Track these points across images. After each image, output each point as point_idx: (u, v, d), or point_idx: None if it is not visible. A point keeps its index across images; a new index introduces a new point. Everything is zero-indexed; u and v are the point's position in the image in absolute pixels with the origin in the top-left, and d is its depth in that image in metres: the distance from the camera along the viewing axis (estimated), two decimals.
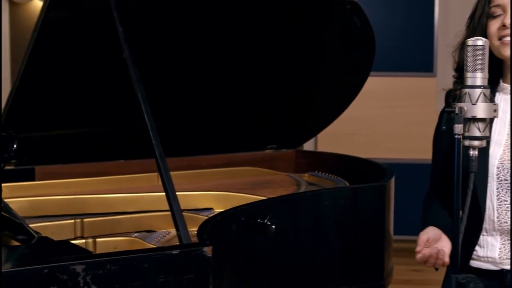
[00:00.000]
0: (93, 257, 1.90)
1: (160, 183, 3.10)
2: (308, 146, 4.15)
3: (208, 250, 1.97)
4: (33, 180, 3.03)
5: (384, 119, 6.33)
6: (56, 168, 3.10)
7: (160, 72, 2.89)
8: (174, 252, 1.92)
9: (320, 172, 3.36)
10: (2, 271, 1.73)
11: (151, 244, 2.36)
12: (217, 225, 2.21)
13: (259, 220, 2.33)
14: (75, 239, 2.43)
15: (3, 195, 2.08)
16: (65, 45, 2.62)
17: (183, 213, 2.11)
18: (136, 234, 2.49)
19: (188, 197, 2.75)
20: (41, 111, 2.89)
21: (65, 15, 2.57)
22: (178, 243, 2.12)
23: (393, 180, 2.89)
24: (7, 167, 2.76)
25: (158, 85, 2.81)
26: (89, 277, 1.80)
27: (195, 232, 2.15)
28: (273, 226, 2.33)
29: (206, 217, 2.48)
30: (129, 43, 2.26)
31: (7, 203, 2.08)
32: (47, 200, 2.73)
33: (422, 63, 6.25)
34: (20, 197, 2.69)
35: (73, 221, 2.51)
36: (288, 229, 2.47)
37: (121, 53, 2.24)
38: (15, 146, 2.05)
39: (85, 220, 2.52)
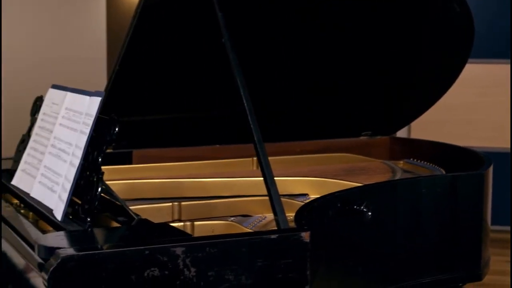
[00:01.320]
0: (193, 239, 1.92)
1: (255, 168, 3.15)
2: (401, 133, 4.11)
3: (305, 236, 1.96)
4: (131, 163, 3.09)
5: (478, 107, 6.21)
6: (153, 152, 3.15)
7: (257, 57, 2.89)
8: (272, 236, 1.93)
9: (415, 160, 3.32)
10: (104, 251, 1.77)
11: (248, 228, 2.38)
12: (314, 211, 2.20)
13: (355, 207, 2.32)
14: (172, 222, 2.46)
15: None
16: (164, 30, 2.65)
17: None
18: (232, 218, 2.51)
19: (283, 183, 2.74)
20: (139, 96, 2.94)
21: (164, 0, 2.60)
22: (274, 228, 2.13)
23: (491, 169, 2.83)
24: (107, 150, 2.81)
25: (255, 70, 2.81)
26: (188, 259, 1.82)
27: (291, 217, 2.15)
28: (369, 213, 2.31)
29: (302, 203, 2.48)
30: (228, 28, 2.27)
31: (108, 185, 2.11)
32: (145, 183, 2.77)
33: None
34: (118, 180, 2.74)
35: (170, 204, 2.54)
36: (384, 216, 2.44)
37: (220, 38, 2.25)
38: (116, 129, 2.08)
39: (182, 203, 2.55)
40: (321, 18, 2.97)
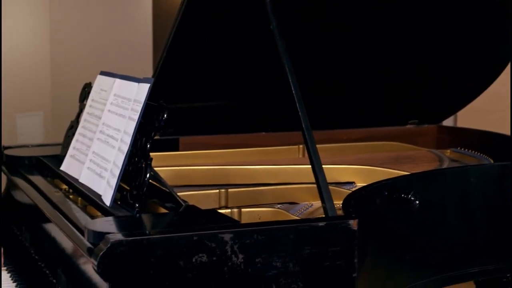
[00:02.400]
0: (241, 226, 1.92)
1: (301, 155, 3.14)
2: (447, 122, 4.07)
3: (353, 223, 1.96)
4: (177, 150, 3.10)
5: None
6: (199, 139, 3.16)
7: (305, 45, 2.88)
8: (320, 224, 1.93)
9: (462, 149, 3.28)
10: (153, 236, 1.78)
11: (294, 215, 2.37)
12: (361, 199, 2.19)
13: (402, 195, 2.31)
14: (220, 208, 2.47)
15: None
16: (212, 17, 2.65)
17: None
18: (279, 205, 2.51)
19: (329, 170, 2.72)
20: (186, 82, 2.95)
21: None
22: (321, 216, 2.12)
23: None
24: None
25: (303, 57, 2.80)
26: (236, 246, 1.83)
27: (338, 205, 2.14)
28: (417, 202, 2.29)
29: (348, 191, 2.47)
30: (276, 15, 2.26)
31: (156, 171, 2.12)
32: (191, 170, 2.78)
33: None
34: (165, 166, 2.75)
35: (217, 191, 2.55)
36: (432, 205, 2.42)
37: (268, 24, 2.25)
38: (165, 116, 2.09)
39: (229, 190, 2.55)
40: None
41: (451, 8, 3.06)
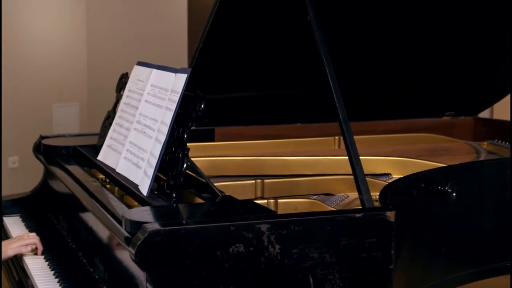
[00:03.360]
0: (278, 217, 1.92)
1: (337, 147, 3.13)
2: (483, 114, 4.03)
3: (391, 215, 1.95)
4: (213, 141, 3.11)
5: None
6: (235, 129, 3.16)
7: (342, 35, 2.86)
8: (357, 215, 1.92)
9: (500, 141, 3.25)
10: (190, 226, 1.79)
11: (330, 207, 2.37)
12: (398, 191, 2.18)
13: (439, 187, 2.29)
14: (256, 199, 2.47)
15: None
16: (249, 7, 2.65)
17: None
18: (315, 196, 2.51)
19: (365, 162, 2.71)
20: (222, 73, 2.95)
21: None
22: (358, 207, 2.11)
23: None
24: None
25: (340, 49, 2.79)
26: (273, 237, 1.83)
27: (374, 197, 2.13)
28: (454, 194, 2.28)
29: (385, 182, 2.46)
30: (314, 6, 2.25)
31: (193, 161, 2.13)
32: (227, 161, 2.79)
33: None
34: (201, 156, 2.76)
35: (253, 181, 2.55)
36: (469, 198, 2.41)
37: (305, 15, 2.24)
38: (202, 106, 2.09)
39: (265, 181, 2.55)
40: None
41: (491, 1, 3.03)
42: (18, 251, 2.46)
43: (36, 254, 2.49)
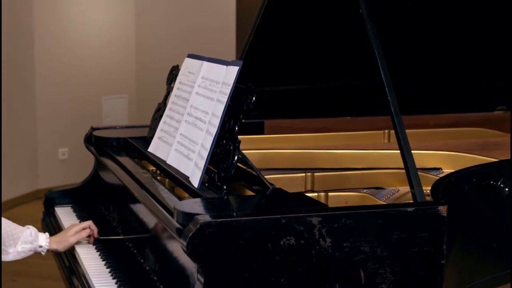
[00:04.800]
0: (329, 210, 1.91)
1: (387, 140, 3.11)
2: None
3: (443, 209, 1.93)
4: (262, 133, 3.11)
5: None
6: (284, 122, 3.16)
7: (393, 29, 2.84)
8: (409, 209, 1.90)
9: None
10: (242, 218, 1.79)
11: (381, 200, 2.36)
12: (450, 185, 2.16)
13: (492, 182, 2.26)
14: (306, 192, 2.47)
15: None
16: (299, 0, 2.64)
17: None
18: (365, 190, 2.49)
19: (416, 156, 2.68)
20: (272, 66, 2.95)
21: None
22: (409, 201, 2.10)
23: None
24: None
25: (391, 43, 2.77)
26: (324, 230, 1.82)
27: (425, 191, 2.11)
28: (507, 189, 2.25)
29: (435, 177, 2.44)
30: None
31: (245, 155, 2.13)
32: (277, 153, 2.79)
33: None
34: (250, 149, 2.76)
35: (303, 174, 2.54)
36: None
37: (357, 8, 2.23)
38: (254, 98, 2.09)
39: (315, 174, 2.55)
40: None
41: None
42: (78, 237, 2.50)
43: (92, 236, 2.52)
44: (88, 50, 6.90)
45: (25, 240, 2.42)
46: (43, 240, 2.44)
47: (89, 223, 2.54)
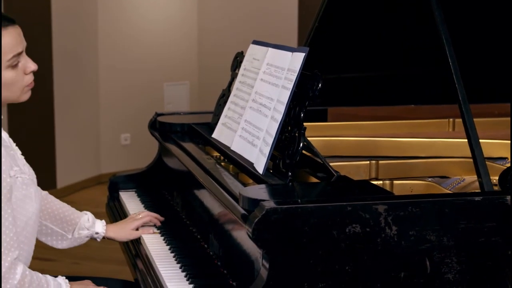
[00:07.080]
0: (395, 198, 1.90)
1: (451, 129, 3.07)
2: None
3: (511, 199, 1.90)
4: (325, 121, 3.10)
5: None
6: (347, 110, 3.14)
7: (461, 15, 2.80)
8: (476, 198, 1.88)
9: None
10: (307, 205, 1.79)
11: (447, 189, 2.33)
12: None
13: None
14: (370, 180, 2.46)
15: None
16: None
17: None
18: (430, 178, 2.47)
19: (482, 145, 2.66)
20: (336, 53, 2.93)
21: None
22: (474, 190, 2.07)
23: None
24: None
25: (459, 30, 2.73)
26: (390, 218, 1.81)
27: (492, 181, 2.08)
28: None
29: (502, 166, 2.41)
30: None
31: (310, 142, 2.12)
32: (340, 141, 2.78)
33: None
34: (314, 136, 2.75)
35: (368, 162, 2.53)
36: None
37: None
38: (320, 85, 2.09)
39: (380, 162, 2.53)
40: None
41: None
42: (140, 233, 2.52)
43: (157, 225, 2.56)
44: (150, 37, 6.95)
45: (82, 226, 2.45)
46: (100, 227, 2.48)
47: (150, 218, 2.55)
